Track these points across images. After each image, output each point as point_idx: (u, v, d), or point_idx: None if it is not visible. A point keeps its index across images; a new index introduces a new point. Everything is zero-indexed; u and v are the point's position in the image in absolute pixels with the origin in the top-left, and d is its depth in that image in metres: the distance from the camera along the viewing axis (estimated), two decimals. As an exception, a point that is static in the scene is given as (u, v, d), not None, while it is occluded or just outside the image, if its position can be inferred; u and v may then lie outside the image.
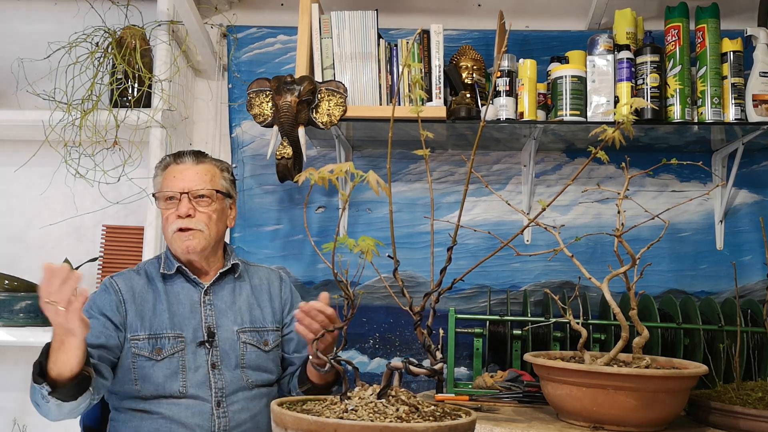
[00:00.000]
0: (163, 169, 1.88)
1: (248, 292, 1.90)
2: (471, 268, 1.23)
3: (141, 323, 1.77)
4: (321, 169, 1.10)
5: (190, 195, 1.81)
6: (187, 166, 1.85)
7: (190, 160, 1.86)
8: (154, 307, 1.80)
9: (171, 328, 1.77)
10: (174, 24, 2.38)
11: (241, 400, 1.78)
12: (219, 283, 1.87)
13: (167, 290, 1.83)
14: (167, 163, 1.88)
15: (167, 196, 1.82)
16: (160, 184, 1.86)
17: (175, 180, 1.83)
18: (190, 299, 1.83)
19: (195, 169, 1.85)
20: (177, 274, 1.85)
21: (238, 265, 1.90)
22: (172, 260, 1.85)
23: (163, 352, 1.75)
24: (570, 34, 2.52)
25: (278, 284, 1.96)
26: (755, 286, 2.39)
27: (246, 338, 1.82)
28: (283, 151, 2.16)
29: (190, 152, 1.89)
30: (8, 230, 2.55)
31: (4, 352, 2.49)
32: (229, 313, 1.84)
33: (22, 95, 2.47)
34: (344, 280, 1.16)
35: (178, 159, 1.87)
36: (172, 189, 1.82)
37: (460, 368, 2.41)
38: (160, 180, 1.87)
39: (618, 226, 1.58)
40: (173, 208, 1.81)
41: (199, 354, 1.77)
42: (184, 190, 1.81)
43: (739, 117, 2.13)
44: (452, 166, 2.52)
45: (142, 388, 1.73)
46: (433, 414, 1.08)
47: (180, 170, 1.84)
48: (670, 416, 1.59)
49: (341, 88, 2.15)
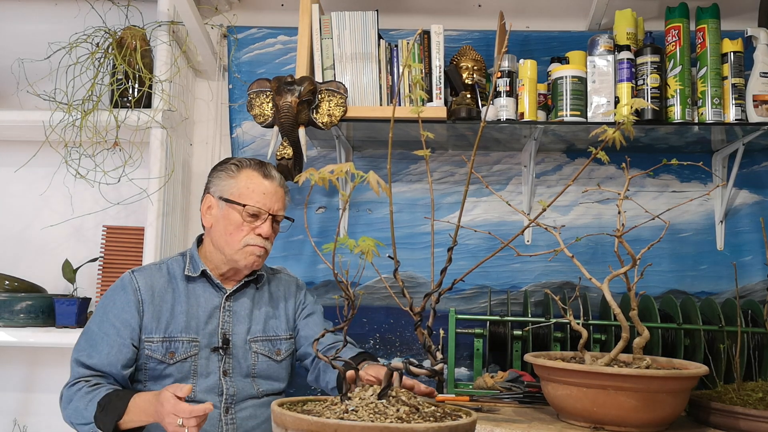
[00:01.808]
0: (238, 170, 1.83)
1: (266, 301, 1.89)
2: (471, 269, 1.23)
3: (157, 325, 1.75)
4: (321, 170, 1.10)
5: (274, 218, 1.82)
6: (275, 187, 1.83)
7: (276, 180, 1.84)
8: (173, 308, 1.78)
9: (186, 331, 1.76)
10: (174, 24, 2.39)
11: (250, 408, 1.77)
12: (241, 290, 1.86)
13: (188, 291, 1.81)
14: (244, 166, 1.84)
15: (252, 212, 1.79)
16: (240, 191, 1.80)
17: (265, 197, 1.80)
18: (211, 304, 1.81)
19: (281, 191, 1.85)
20: (200, 277, 1.83)
21: (263, 276, 1.90)
22: (198, 262, 1.83)
23: (176, 356, 1.73)
24: (570, 34, 2.52)
25: (294, 290, 1.96)
26: (756, 287, 2.39)
27: (258, 348, 1.82)
28: (284, 152, 2.16)
29: (274, 168, 1.87)
30: (9, 231, 2.55)
31: (4, 353, 2.49)
32: (246, 321, 1.83)
33: (22, 96, 2.47)
34: (344, 281, 1.16)
35: (265, 171, 1.83)
36: (261, 207, 1.79)
37: (461, 369, 2.41)
38: (238, 185, 1.81)
39: (618, 226, 1.57)
40: (252, 222, 1.79)
41: (212, 360, 1.76)
42: (271, 212, 1.80)
43: (740, 117, 2.13)
44: (452, 166, 2.52)
45: (152, 389, 1.71)
46: (434, 414, 1.08)
47: (269, 188, 1.81)
48: (671, 417, 1.59)
49: (341, 88, 2.15)
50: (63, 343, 2.17)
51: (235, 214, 1.79)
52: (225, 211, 1.81)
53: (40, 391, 2.49)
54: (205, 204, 1.86)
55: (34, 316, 2.25)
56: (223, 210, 1.81)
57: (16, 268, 2.44)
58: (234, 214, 1.79)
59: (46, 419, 2.45)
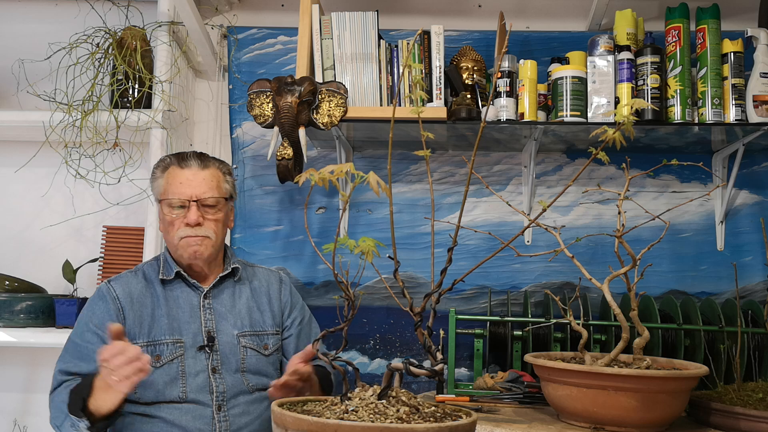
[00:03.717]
0: (164, 170, 1.83)
1: (248, 295, 1.89)
2: (471, 269, 1.23)
3: (139, 330, 1.75)
4: (321, 170, 1.10)
5: (199, 203, 1.78)
6: (194, 172, 1.80)
7: (195, 165, 1.82)
8: (153, 312, 1.78)
9: (170, 333, 1.76)
10: (174, 25, 2.39)
11: (242, 404, 1.77)
12: (219, 286, 1.86)
13: (166, 295, 1.81)
14: (168, 164, 1.84)
15: (175, 204, 1.78)
16: (163, 188, 1.82)
17: (182, 186, 1.79)
18: (190, 303, 1.81)
19: (202, 175, 1.81)
20: (176, 279, 1.83)
21: (238, 269, 1.89)
22: (171, 265, 1.83)
23: (162, 358, 1.73)
24: (570, 34, 2.52)
25: (278, 287, 1.95)
26: (756, 287, 2.39)
27: (246, 342, 1.82)
28: (284, 152, 2.16)
29: (194, 155, 1.84)
30: (9, 231, 2.55)
31: (4, 353, 2.49)
32: (229, 317, 1.83)
33: (22, 96, 2.47)
34: (345, 281, 1.16)
35: (182, 162, 1.82)
36: (179, 197, 1.78)
37: (461, 369, 2.41)
38: (163, 183, 1.82)
39: (618, 226, 1.58)
40: (179, 215, 1.78)
41: (199, 359, 1.76)
42: (193, 198, 1.78)
43: (740, 118, 2.13)
44: (453, 166, 2.52)
45: (142, 395, 1.71)
46: (434, 415, 1.08)
47: (186, 176, 1.80)
48: (671, 417, 1.59)
49: (342, 88, 2.15)
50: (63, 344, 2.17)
51: (164, 211, 1.81)
52: (160, 212, 1.85)
53: (40, 391, 2.48)
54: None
55: (34, 317, 2.25)
56: (159, 211, 1.86)
57: (16, 268, 2.44)
58: (163, 212, 1.82)
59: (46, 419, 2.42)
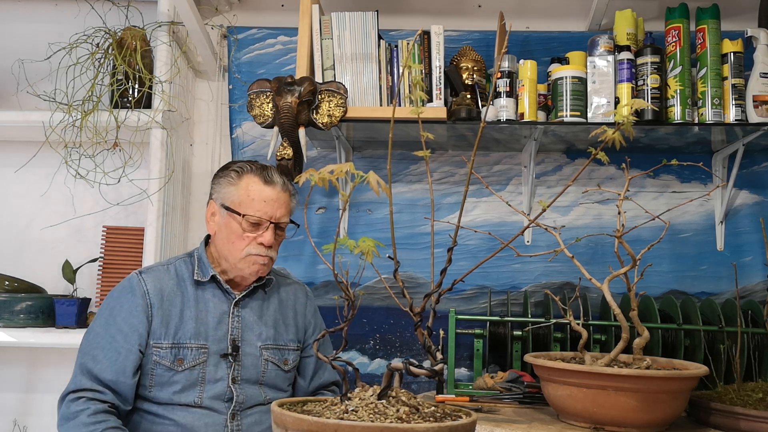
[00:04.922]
0: (240, 177, 1.77)
1: (275, 307, 1.86)
2: (471, 269, 1.23)
3: (165, 331, 1.71)
4: (321, 170, 1.10)
5: (277, 225, 1.76)
6: (278, 192, 1.77)
7: (279, 186, 1.78)
8: (182, 312, 1.74)
9: (196, 338, 1.72)
10: (174, 25, 2.39)
11: (256, 414, 1.75)
12: (250, 295, 1.83)
13: (197, 296, 1.77)
14: (246, 172, 1.78)
15: (252, 222, 1.74)
16: (240, 199, 1.75)
17: (266, 205, 1.75)
18: (220, 309, 1.77)
19: (284, 197, 1.78)
20: (210, 281, 1.79)
21: (272, 281, 1.87)
22: (207, 266, 1.79)
23: (184, 363, 1.70)
24: (570, 34, 2.52)
25: (304, 301, 1.93)
26: (756, 287, 2.39)
27: (268, 355, 1.80)
28: (284, 152, 2.16)
29: (275, 171, 1.81)
30: (9, 231, 2.55)
31: (4, 353, 2.49)
32: (255, 327, 1.80)
33: (22, 96, 2.47)
34: (344, 281, 1.15)
35: (267, 178, 1.77)
36: (262, 215, 1.74)
37: (461, 369, 2.41)
38: (239, 193, 1.76)
39: (618, 226, 1.57)
40: (253, 231, 1.75)
41: (221, 366, 1.73)
42: (273, 219, 1.75)
43: (740, 118, 2.13)
44: (452, 167, 2.52)
45: (157, 395, 1.69)
46: (434, 415, 1.08)
47: (270, 195, 1.76)
48: (671, 417, 1.59)
49: (342, 89, 2.15)
50: (63, 344, 2.18)
51: (236, 223, 1.75)
52: (226, 219, 1.77)
53: (40, 391, 2.49)
54: (209, 210, 1.83)
55: (34, 317, 2.25)
56: (224, 218, 1.77)
57: (16, 268, 2.44)
58: (234, 224, 1.75)
59: (46, 419, 2.45)
